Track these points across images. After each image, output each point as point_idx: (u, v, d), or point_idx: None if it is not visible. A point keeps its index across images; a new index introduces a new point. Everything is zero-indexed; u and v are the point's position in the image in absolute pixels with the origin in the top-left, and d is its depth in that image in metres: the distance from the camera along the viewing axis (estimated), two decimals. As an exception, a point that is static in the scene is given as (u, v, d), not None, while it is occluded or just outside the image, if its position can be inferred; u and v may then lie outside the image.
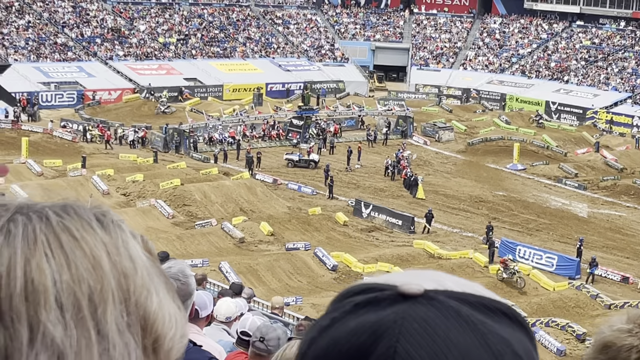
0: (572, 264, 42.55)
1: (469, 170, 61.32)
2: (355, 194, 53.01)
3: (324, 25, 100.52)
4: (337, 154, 62.55)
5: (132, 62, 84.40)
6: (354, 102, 76.80)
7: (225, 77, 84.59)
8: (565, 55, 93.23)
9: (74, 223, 1.10)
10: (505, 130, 72.18)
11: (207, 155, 60.28)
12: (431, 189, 54.87)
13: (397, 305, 1.09)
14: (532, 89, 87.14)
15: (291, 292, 37.16)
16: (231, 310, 9.34)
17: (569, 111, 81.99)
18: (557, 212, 52.73)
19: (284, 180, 55.21)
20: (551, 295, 38.79)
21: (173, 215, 46.40)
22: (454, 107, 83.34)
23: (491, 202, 53.31)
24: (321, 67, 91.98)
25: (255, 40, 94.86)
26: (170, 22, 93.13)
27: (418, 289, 1.10)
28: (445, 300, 1.10)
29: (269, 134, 65.69)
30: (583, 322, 35.34)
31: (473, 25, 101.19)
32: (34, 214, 1.10)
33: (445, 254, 42.81)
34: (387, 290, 1.12)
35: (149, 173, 52.60)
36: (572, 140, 71.30)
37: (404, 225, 47.57)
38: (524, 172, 61.11)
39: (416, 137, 69.21)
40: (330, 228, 46.83)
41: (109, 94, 76.79)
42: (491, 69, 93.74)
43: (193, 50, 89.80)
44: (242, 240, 43.66)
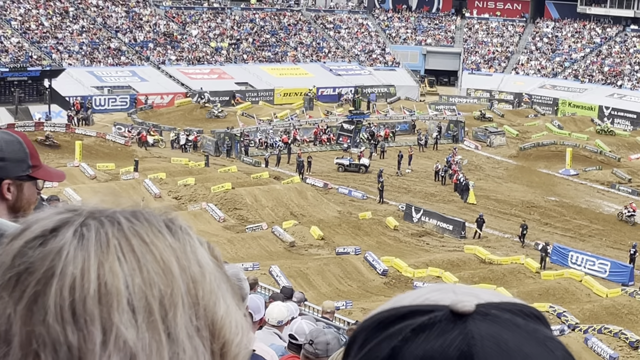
0: (626, 270, 42.08)
1: (521, 175, 60.88)
2: (406, 199, 52.89)
3: (375, 29, 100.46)
4: (387, 159, 62.44)
5: (184, 66, 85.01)
6: (405, 106, 76.66)
7: (276, 82, 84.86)
8: (619, 60, 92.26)
9: (144, 228, 1.13)
10: (558, 135, 71.60)
11: (258, 159, 60.50)
12: (482, 194, 54.57)
13: (457, 325, 1.08)
14: (585, 94, 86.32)
15: (341, 297, 37.15)
16: (282, 314, 9.36)
17: (622, 116, 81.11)
18: (610, 217, 52.18)
19: (334, 184, 55.24)
20: (604, 302, 38.37)
21: (224, 219, 46.63)
22: (506, 112, 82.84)
23: (543, 208, 52.90)
24: (372, 71, 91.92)
25: (306, 44, 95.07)
26: (222, 27, 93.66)
27: (471, 306, 1.09)
28: (499, 313, 1.10)
29: (320, 138, 65.78)
30: (636, 330, 34.91)
31: (525, 30, 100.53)
32: (105, 219, 1.13)
33: (496, 259, 42.53)
34: (437, 311, 1.10)
35: (200, 177, 52.89)
36: (626, 146, 70.51)
37: (454, 230, 47.37)
38: (577, 178, 60.57)
39: (467, 142, 68.89)
40: (380, 232, 46.76)
41: (161, 98, 77.40)
42: (543, 73, 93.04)
43: (244, 55, 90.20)
44: (293, 244, 43.73)
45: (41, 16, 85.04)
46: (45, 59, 79.41)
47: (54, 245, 1.09)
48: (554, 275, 40.99)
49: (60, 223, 1.12)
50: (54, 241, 1.09)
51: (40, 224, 1.12)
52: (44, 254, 1.08)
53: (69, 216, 1.13)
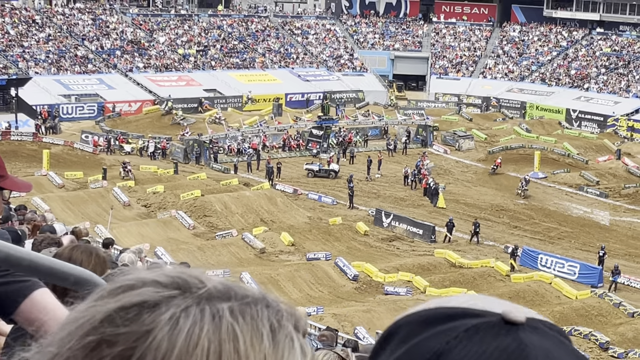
0: (595, 272, 42.33)
1: (490, 179, 61.13)
2: (376, 204, 52.94)
3: (342, 35, 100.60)
4: (357, 164, 62.50)
5: (151, 73, 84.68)
6: (374, 111, 76.79)
7: (245, 88, 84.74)
8: (586, 63, 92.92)
9: (244, 331, 1.07)
10: (526, 139, 71.96)
11: (227, 166, 60.37)
12: (452, 198, 54.73)
13: (510, 332, 1.12)
14: (553, 97, 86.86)
15: (312, 302, 37.11)
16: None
17: (589, 119, 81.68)
18: (578, 220, 52.49)
19: (304, 190, 55.20)
20: (574, 304, 38.58)
21: (194, 226, 46.47)
22: (474, 116, 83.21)
23: (512, 211, 53.12)
24: (340, 77, 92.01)
25: (274, 50, 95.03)
26: (189, 34, 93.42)
27: (523, 318, 1.14)
28: (546, 329, 1.15)
29: (289, 144, 65.73)
30: (606, 331, 35.12)
31: (492, 34, 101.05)
32: (208, 310, 1.07)
33: (467, 263, 42.66)
34: (489, 317, 1.14)
35: (169, 184, 52.70)
36: (593, 148, 70.99)
37: (425, 234, 47.45)
38: (545, 180, 60.87)
39: (436, 146, 69.11)
40: (351, 238, 46.77)
41: (129, 105, 77.04)
42: (511, 77, 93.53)
43: (212, 62, 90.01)
44: (263, 250, 43.66)
45: (7, 25, 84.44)
46: (11, 67, 78.82)
47: (145, 323, 1.05)
48: (523, 278, 41.17)
49: (163, 300, 1.07)
50: (147, 318, 1.05)
51: (143, 292, 1.08)
52: (131, 330, 1.04)
53: (175, 294, 1.08)
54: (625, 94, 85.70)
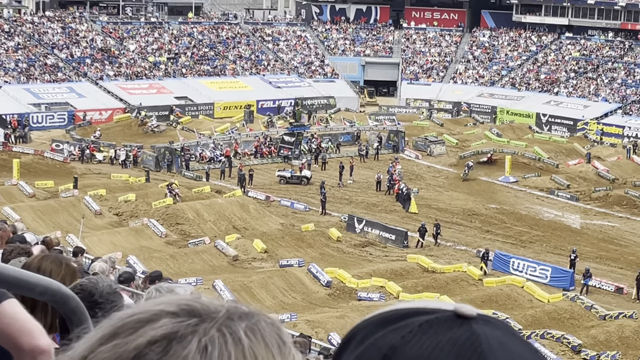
0: (566, 275, 42.54)
1: (461, 183, 61.36)
2: (348, 210, 52.99)
3: (313, 41, 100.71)
4: (329, 170, 62.55)
5: (122, 81, 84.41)
6: (345, 117, 76.92)
7: (216, 95, 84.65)
8: (555, 67, 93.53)
9: (261, 350, 1.16)
10: (497, 143, 72.29)
11: (199, 174, 60.24)
12: (424, 203, 54.87)
13: (463, 325, 1.18)
14: (523, 102, 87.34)
15: (286, 309, 37.07)
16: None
17: (559, 123, 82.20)
18: (550, 223, 52.76)
19: (276, 197, 55.17)
20: (546, 307, 38.75)
21: (166, 234, 46.32)
22: (445, 121, 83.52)
23: (484, 215, 53.32)
24: (311, 83, 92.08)
25: (245, 57, 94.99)
26: (160, 41, 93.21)
27: (474, 312, 1.20)
28: (497, 322, 1.22)
29: (260, 151, 65.70)
30: (578, 334, 35.30)
31: (462, 39, 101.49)
32: (228, 334, 1.15)
33: (439, 267, 42.75)
34: (441, 312, 1.20)
35: (141, 192, 52.51)
36: (564, 152, 71.42)
37: (397, 239, 47.53)
38: (516, 185, 61.16)
39: (408, 152, 69.29)
40: (323, 244, 46.78)
41: (99, 114, 76.74)
42: (481, 82, 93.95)
43: (183, 69, 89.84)
44: (236, 258, 43.59)
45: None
46: (-20, 76, 78.36)
47: (177, 355, 1.09)
48: (496, 282, 41.31)
49: (187, 330, 1.12)
50: (178, 349, 1.10)
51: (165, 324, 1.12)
52: None
53: (195, 322, 1.14)
54: (594, 97, 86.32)
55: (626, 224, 53.22)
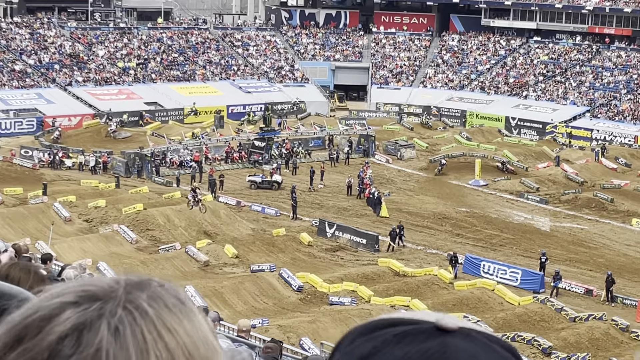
0: (536, 278, 42.76)
1: (432, 187, 61.56)
2: (319, 214, 53.00)
3: (283, 46, 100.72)
4: (300, 175, 62.56)
5: (91, 87, 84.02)
6: (315, 121, 76.96)
7: (186, 101, 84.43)
8: (524, 71, 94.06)
9: (167, 315, 1.16)
10: (467, 147, 72.60)
11: (169, 179, 60.05)
12: (394, 207, 54.99)
13: (438, 337, 1.18)
14: (492, 105, 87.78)
15: (257, 314, 37.00)
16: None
17: (528, 126, 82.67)
18: (519, 226, 53.03)
19: (247, 202, 55.10)
20: (516, 310, 38.93)
21: (136, 240, 46.12)
22: (415, 125, 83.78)
23: (454, 219, 53.50)
24: (282, 88, 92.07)
25: (215, 62, 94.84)
26: (129, 47, 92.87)
27: (455, 325, 1.20)
28: (478, 336, 1.21)
29: (231, 156, 65.59)
30: (549, 336, 35.49)
31: (432, 43, 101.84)
32: (133, 309, 1.14)
33: (410, 271, 42.84)
34: (422, 324, 1.20)
35: (111, 198, 52.27)
36: (533, 155, 71.83)
37: (368, 243, 47.58)
38: (486, 188, 61.43)
39: (378, 156, 69.43)
40: (294, 249, 46.76)
41: (69, 120, 76.33)
42: (451, 86, 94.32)
43: (153, 74, 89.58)
44: (207, 263, 43.46)
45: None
46: (-53, 83, 77.77)
47: (91, 343, 1.08)
48: (467, 285, 41.45)
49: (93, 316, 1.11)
50: (90, 338, 1.08)
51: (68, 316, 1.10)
52: (82, 355, 1.07)
53: (99, 306, 1.13)
54: (562, 101, 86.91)
55: (595, 226, 53.58)
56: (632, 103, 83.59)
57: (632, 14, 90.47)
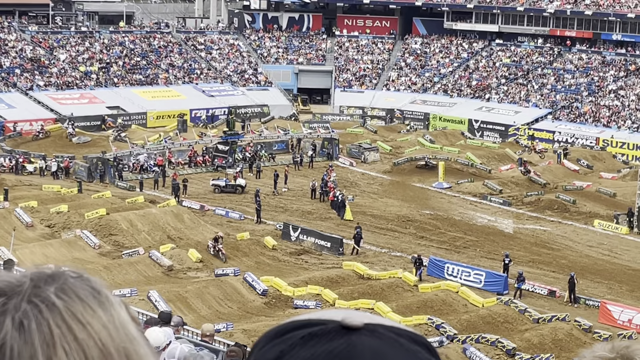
0: (500, 279, 42.94)
1: (396, 190, 61.67)
2: (283, 218, 52.92)
3: (246, 49, 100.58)
4: (264, 178, 62.47)
5: (53, 92, 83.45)
6: (279, 125, 76.90)
7: (149, 105, 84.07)
8: (486, 74, 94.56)
9: (77, 307, 1.15)
10: (430, 149, 72.81)
11: (132, 184, 59.73)
12: (359, 210, 55.02)
13: (344, 336, 1.18)
14: (455, 108, 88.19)
15: (222, 319, 36.87)
16: (159, 339, 9.19)
17: (491, 129, 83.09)
18: (483, 228, 53.24)
19: (211, 206, 54.92)
20: (480, 312, 39.05)
21: (99, 246, 45.77)
22: (379, 128, 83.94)
23: (418, 221, 53.61)
24: (245, 91, 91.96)
25: (177, 66, 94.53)
26: (90, 51, 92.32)
27: (360, 322, 1.20)
28: (385, 332, 1.20)
29: (194, 160, 65.35)
30: (512, 337, 35.62)
31: (394, 47, 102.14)
32: (40, 302, 1.12)
33: (375, 274, 42.85)
34: (328, 324, 1.20)
35: (73, 203, 51.86)
36: (496, 157, 72.18)
37: (332, 247, 47.56)
38: (450, 190, 61.62)
39: (342, 159, 69.47)
40: (259, 252, 46.64)
41: (30, 124, 75.71)
42: (414, 89, 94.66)
43: (115, 78, 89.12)
44: (171, 268, 43.23)
45: None
46: None
47: None
48: (431, 288, 41.51)
49: None
50: None
51: None
52: None
53: (1, 302, 1.11)
54: (525, 103, 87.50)
55: (558, 227, 53.92)
56: (593, 105, 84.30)
57: (592, 17, 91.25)
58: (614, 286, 44.01)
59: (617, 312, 39.06)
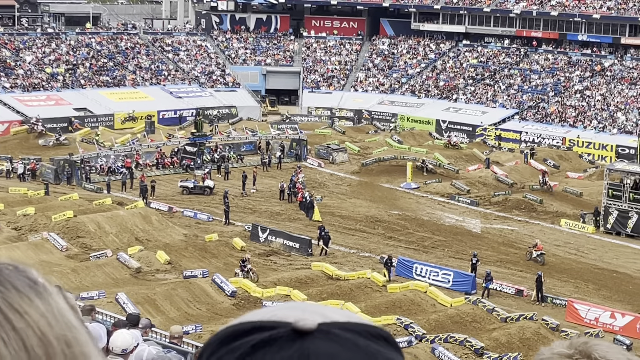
0: (468, 279, 43.12)
1: (364, 190, 61.78)
2: (252, 219, 52.88)
3: (214, 51, 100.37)
4: (232, 179, 62.39)
5: (19, 93, 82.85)
6: (247, 126, 76.83)
7: (116, 106, 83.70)
8: (453, 74, 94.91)
9: (14, 297, 1.14)
10: (398, 150, 72.99)
11: (100, 186, 59.45)
12: (327, 211, 55.08)
13: (297, 342, 1.12)
14: (423, 108, 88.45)
15: (190, 320, 36.80)
16: (127, 341, 9.17)
17: (459, 129, 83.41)
18: (451, 228, 53.45)
19: (179, 207, 54.77)
20: (449, 311, 39.20)
21: (67, 248, 45.51)
22: (347, 129, 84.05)
23: (387, 222, 53.74)
24: (213, 92, 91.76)
25: (145, 68, 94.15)
26: (57, 52, 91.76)
27: (312, 324, 1.14)
28: (341, 333, 1.14)
29: (162, 162, 65.13)
30: (481, 337, 35.79)
31: (362, 47, 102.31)
32: None
33: (344, 275, 42.92)
34: (280, 328, 1.14)
35: (40, 206, 51.56)
36: (463, 158, 72.48)
37: (301, 248, 47.58)
38: (418, 191, 61.81)
39: (310, 160, 69.52)
40: (227, 254, 46.56)
41: (-5, 126, 75.20)
42: (382, 89, 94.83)
43: (82, 80, 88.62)
44: (139, 270, 43.06)
45: None
46: None
47: None
48: (399, 288, 41.63)
49: None
50: None
51: None
52: None
53: None
54: (492, 104, 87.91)
55: (525, 227, 54.23)
56: (560, 105, 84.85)
57: (558, 18, 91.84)
58: (581, 285, 44.34)
59: (584, 311, 39.35)
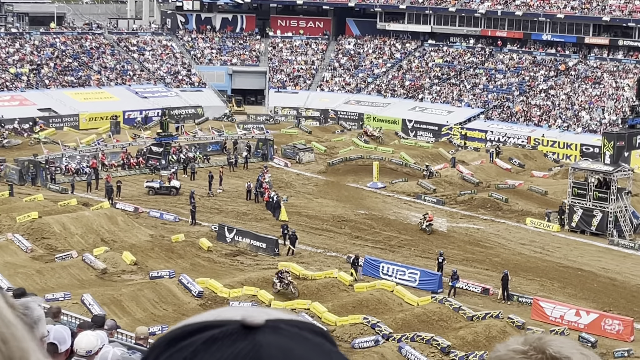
0: (434, 278, 43.27)
1: (331, 190, 61.83)
2: (219, 219, 52.78)
3: (179, 50, 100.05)
4: (198, 179, 62.23)
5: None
6: (213, 126, 76.67)
7: (81, 106, 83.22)
8: (419, 74, 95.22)
9: None
10: (364, 150, 73.12)
11: (65, 187, 59.08)
12: (294, 211, 55.07)
13: (248, 337, 1.15)
14: (389, 108, 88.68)
15: (157, 321, 36.67)
16: (92, 343, 9.11)
17: (425, 128, 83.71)
18: (417, 227, 53.58)
19: (145, 208, 54.55)
20: (415, 310, 39.31)
21: (32, 249, 45.20)
22: (313, 129, 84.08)
23: (353, 221, 53.82)
24: (179, 92, 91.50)
25: (110, 68, 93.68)
26: (21, 52, 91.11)
27: (261, 320, 1.17)
28: (288, 327, 1.18)
29: (128, 162, 64.82)
30: (447, 335, 35.93)
31: (328, 47, 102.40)
32: None
33: (311, 274, 42.94)
34: (228, 325, 1.17)
35: (4, 207, 51.18)
36: (430, 157, 72.72)
37: (268, 248, 47.55)
38: (384, 190, 61.94)
39: (277, 160, 69.48)
40: (194, 254, 46.44)
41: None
42: (348, 89, 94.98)
43: (46, 80, 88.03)
44: (105, 271, 42.85)
45: None
46: None
47: None
48: (366, 287, 41.70)
49: None
50: None
51: None
52: None
53: None
54: (457, 103, 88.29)
55: (490, 226, 54.50)
56: (524, 105, 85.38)
57: (523, 17, 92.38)
58: (546, 283, 44.63)
59: (549, 309, 39.63)
